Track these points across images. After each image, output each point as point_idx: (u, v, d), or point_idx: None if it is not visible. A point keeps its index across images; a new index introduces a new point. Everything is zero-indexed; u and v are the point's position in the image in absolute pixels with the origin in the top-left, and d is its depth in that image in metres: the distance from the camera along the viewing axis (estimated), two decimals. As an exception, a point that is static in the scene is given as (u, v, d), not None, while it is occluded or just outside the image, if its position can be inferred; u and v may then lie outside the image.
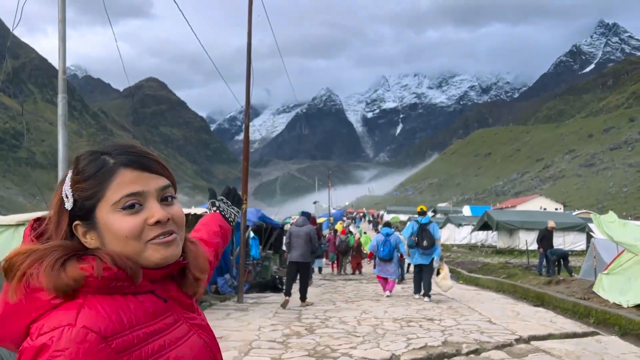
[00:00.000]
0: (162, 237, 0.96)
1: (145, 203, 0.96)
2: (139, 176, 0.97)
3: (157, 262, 0.96)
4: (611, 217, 11.10)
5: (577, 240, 25.78)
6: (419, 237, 10.52)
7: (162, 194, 0.99)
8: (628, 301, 8.66)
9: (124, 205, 0.94)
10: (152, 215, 0.95)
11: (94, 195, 0.95)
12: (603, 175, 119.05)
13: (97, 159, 0.98)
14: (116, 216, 0.94)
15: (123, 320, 0.89)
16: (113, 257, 0.93)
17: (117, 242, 0.94)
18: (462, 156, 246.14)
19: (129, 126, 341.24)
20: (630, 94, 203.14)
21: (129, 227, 0.94)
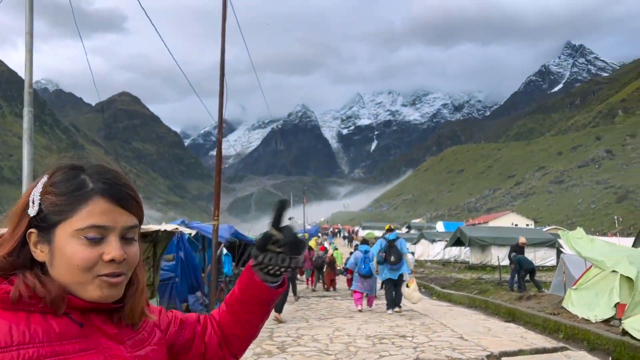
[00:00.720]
0: (110, 277, 0.94)
1: (106, 237, 0.94)
2: (111, 210, 0.95)
3: (95, 298, 0.95)
4: (579, 233, 11.34)
5: (548, 255, 26.23)
6: (387, 253, 11.00)
7: (126, 232, 0.98)
8: (596, 316, 8.80)
9: (86, 235, 0.92)
10: (109, 252, 0.93)
11: (61, 213, 0.93)
12: (572, 192, 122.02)
13: (76, 177, 0.96)
14: (75, 242, 0.92)
15: (12, 337, 0.86)
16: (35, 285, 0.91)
17: (64, 267, 0.93)
18: (435, 173, 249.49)
19: (100, 141, 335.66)
20: (596, 112, 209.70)
21: (83, 258, 0.92)
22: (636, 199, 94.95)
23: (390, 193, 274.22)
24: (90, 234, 0.92)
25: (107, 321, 1.00)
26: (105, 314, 1.00)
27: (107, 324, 0.99)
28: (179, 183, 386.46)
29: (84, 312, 0.96)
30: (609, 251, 10.06)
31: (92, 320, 0.97)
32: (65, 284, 0.93)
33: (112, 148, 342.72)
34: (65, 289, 0.93)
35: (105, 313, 1.00)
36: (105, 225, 0.94)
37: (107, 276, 0.94)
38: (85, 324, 0.96)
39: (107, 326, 0.99)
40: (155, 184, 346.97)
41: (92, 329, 0.97)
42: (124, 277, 0.97)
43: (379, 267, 11.30)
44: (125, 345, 1.00)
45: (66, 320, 0.93)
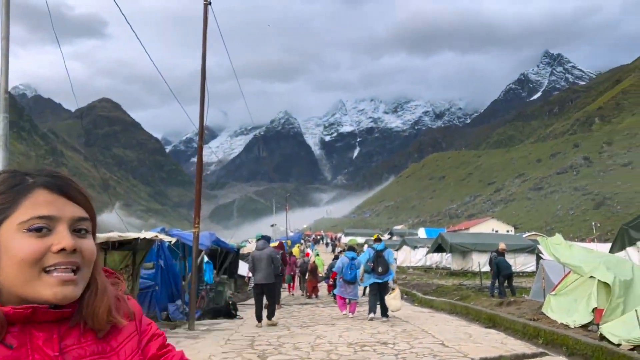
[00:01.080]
0: (60, 272, 0.86)
1: (54, 228, 0.88)
2: (56, 200, 0.91)
3: (47, 299, 0.86)
4: (558, 239, 11.49)
5: (528, 261, 26.53)
6: (375, 263, 11.19)
7: (77, 224, 0.92)
8: (575, 321, 8.91)
9: (30, 226, 0.86)
10: (59, 241, 0.87)
11: (2, 212, 0.88)
12: (551, 199, 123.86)
13: (16, 176, 0.92)
14: (19, 236, 0.86)
15: None
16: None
17: (10, 265, 0.85)
18: (417, 179, 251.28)
19: (80, 147, 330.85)
20: (574, 120, 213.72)
21: (28, 250, 0.85)
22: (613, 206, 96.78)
23: (373, 199, 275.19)
24: (35, 224, 0.87)
25: (52, 340, 0.88)
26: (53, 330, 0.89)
27: (50, 343, 0.88)
28: (159, 190, 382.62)
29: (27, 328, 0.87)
30: (587, 257, 10.22)
31: (34, 340, 0.87)
32: (14, 287, 0.85)
33: (92, 154, 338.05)
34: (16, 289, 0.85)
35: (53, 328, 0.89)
36: (51, 215, 0.88)
37: (56, 271, 0.86)
38: (20, 344, 0.85)
39: (48, 345, 0.87)
40: (135, 191, 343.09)
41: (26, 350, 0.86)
42: (76, 276, 0.89)
43: (364, 276, 11.47)
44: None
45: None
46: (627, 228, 13.01)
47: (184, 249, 13.25)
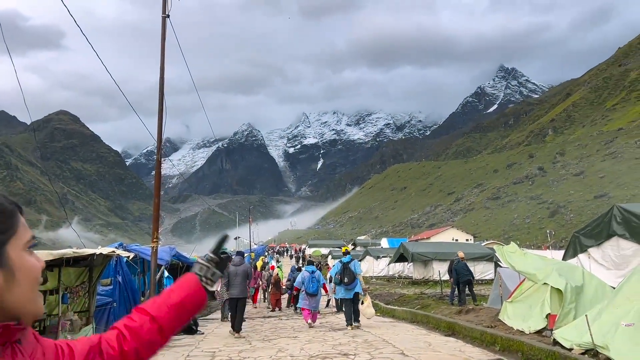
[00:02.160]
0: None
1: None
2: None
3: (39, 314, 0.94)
4: (513, 247, 11.85)
5: (486, 269, 27.14)
6: (342, 274, 12.02)
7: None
8: (530, 327, 9.18)
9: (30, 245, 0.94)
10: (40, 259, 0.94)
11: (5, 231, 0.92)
12: (508, 208, 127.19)
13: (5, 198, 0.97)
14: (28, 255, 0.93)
15: None
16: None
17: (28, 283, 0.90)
18: (379, 190, 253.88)
19: (36, 161, 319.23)
20: (529, 132, 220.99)
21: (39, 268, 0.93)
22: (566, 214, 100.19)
23: (337, 210, 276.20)
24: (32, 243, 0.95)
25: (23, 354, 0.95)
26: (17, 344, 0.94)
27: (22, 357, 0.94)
28: (120, 204, 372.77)
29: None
30: (540, 264, 10.56)
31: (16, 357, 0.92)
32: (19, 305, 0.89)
33: (49, 168, 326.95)
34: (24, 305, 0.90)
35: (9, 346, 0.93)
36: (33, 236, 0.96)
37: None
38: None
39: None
40: (94, 205, 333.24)
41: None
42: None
43: (336, 288, 12.36)
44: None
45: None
46: (579, 235, 13.52)
47: (143, 264, 12.97)
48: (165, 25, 10.93)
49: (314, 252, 68.66)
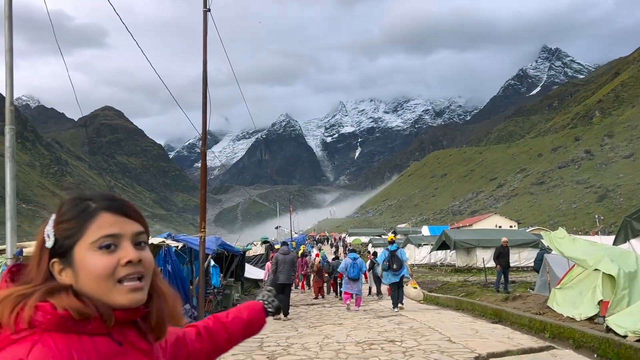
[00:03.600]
0: (131, 281, 1.04)
1: (120, 244, 1.05)
2: (117, 220, 1.07)
3: (122, 304, 1.03)
4: (561, 233, 11.54)
5: (532, 256, 26.42)
6: (390, 261, 12.99)
7: (137, 239, 1.08)
8: (580, 314, 8.96)
9: (100, 244, 1.03)
10: (126, 255, 1.04)
11: (73, 235, 1.04)
12: (553, 193, 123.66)
13: (80, 203, 1.08)
14: (92, 254, 1.02)
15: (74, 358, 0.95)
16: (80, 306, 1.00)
17: (89, 280, 1.02)
18: (419, 177, 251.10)
19: (84, 156, 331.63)
20: (574, 114, 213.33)
21: (103, 266, 1.01)
22: (616, 198, 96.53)
23: (376, 199, 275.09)
24: (104, 242, 1.03)
25: (139, 337, 1.10)
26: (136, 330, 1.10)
27: (139, 340, 1.09)
28: (164, 196, 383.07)
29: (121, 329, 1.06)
30: (591, 250, 10.26)
31: (128, 337, 1.07)
32: (96, 296, 1.02)
33: (96, 163, 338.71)
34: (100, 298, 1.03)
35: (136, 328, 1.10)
36: (115, 233, 1.05)
37: (128, 280, 1.04)
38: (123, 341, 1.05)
39: (140, 342, 1.09)
40: (140, 198, 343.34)
41: (129, 346, 1.06)
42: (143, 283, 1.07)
43: (383, 273, 13.31)
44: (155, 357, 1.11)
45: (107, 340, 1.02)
46: (630, 220, 13.04)
47: (191, 254, 13.34)
48: (207, 19, 11.11)
49: (354, 240, 68.69)
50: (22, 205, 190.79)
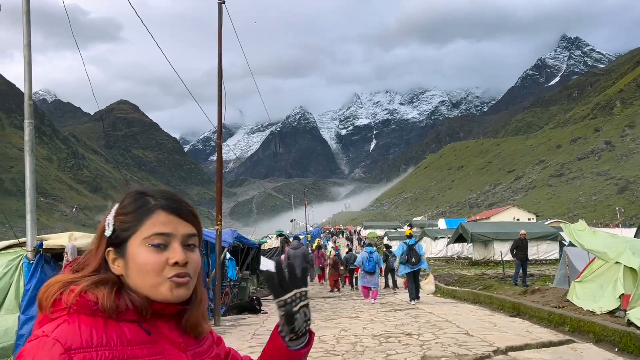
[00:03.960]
0: (177, 278, 1.07)
1: (170, 244, 1.09)
2: (171, 220, 1.10)
3: (167, 298, 1.07)
4: (581, 225, 11.34)
5: (550, 249, 26.24)
6: (408, 255, 13.23)
7: (187, 240, 1.12)
8: (601, 308, 8.81)
9: (152, 242, 1.07)
10: (173, 256, 1.07)
11: (129, 228, 1.09)
12: (572, 185, 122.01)
13: (140, 198, 1.13)
14: (144, 250, 1.07)
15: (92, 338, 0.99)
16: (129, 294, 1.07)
17: (137, 273, 1.07)
18: (435, 170, 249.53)
19: (100, 150, 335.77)
20: (594, 105, 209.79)
21: (152, 262, 1.06)
22: (637, 190, 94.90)
23: (391, 192, 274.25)
24: (155, 241, 1.08)
25: (172, 329, 1.12)
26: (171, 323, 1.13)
27: (172, 332, 1.12)
28: (179, 189, 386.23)
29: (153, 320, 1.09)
30: (612, 243, 10.07)
31: (159, 328, 1.10)
32: (140, 289, 1.08)
33: (113, 156, 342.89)
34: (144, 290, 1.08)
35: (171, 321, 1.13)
36: (167, 233, 1.09)
37: (175, 277, 1.07)
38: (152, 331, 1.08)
39: (172, 334, 1.11)
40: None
41: (159, 336, 1.09)
42: (189, 279, 1.10)
43: (400, 266, 13.61)
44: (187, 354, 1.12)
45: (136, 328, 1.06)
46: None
47: (207, 246, 13.41)
48: (222, 12, 11.09)
49: (370, 233, 68.67)
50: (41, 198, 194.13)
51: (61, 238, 6.37)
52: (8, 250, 5.99)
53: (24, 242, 6.07)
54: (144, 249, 1.07)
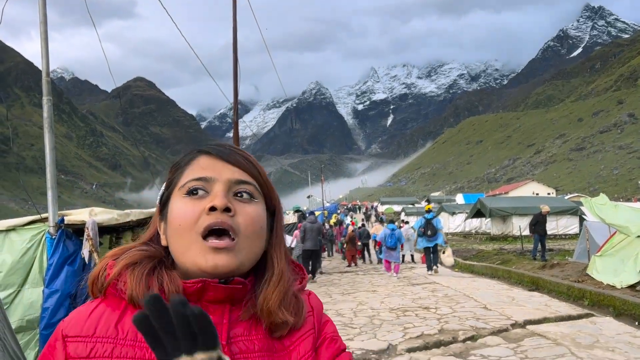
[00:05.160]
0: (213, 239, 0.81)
1: (211, 190, 0.85)
2: (214, 163, 0.87)
3: (200, 266, 0.80)
4: (602, 199, 11.16)
5: (570, 223, 25.95)
6: (425, 228, 14.03)
7: (237, 188, 0.86)
8: (621, 282, 8.72)
9: (187, 189, 0.85)
10: (211, 200, 0.83)
11: (170, 183, 0.90)
12: (594, 159, 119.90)
13: (191, 152, 0.93)
14: (179, 201, 0.85)
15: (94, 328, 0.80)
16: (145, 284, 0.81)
17: (171, 234, 0.85)
18: (453, 145, 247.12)
19: (118, 127, 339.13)
20: (618, 76, 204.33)
21: (184, 213, 0.82)
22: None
23: (408, 167, 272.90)
24: (192, 186, 0.85)
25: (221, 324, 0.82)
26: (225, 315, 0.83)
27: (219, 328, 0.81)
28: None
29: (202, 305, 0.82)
30: (634, 217, 9.91)
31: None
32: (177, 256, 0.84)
33: (130, 134, 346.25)
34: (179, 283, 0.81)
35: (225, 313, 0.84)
36: (205, 177, 0.85)
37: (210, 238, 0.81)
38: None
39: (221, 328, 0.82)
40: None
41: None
42: (231, 242, 0.81)
43: (417, 239, 14.45)
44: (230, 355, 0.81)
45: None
46: (677, 185, 12.49)
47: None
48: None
49: (387, 209, 68.57)
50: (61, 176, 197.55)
51: (82, 214, 6.47)
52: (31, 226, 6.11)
53: (46, 218, 6.19)
54: (179, 200, 0.85)
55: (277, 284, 0.86)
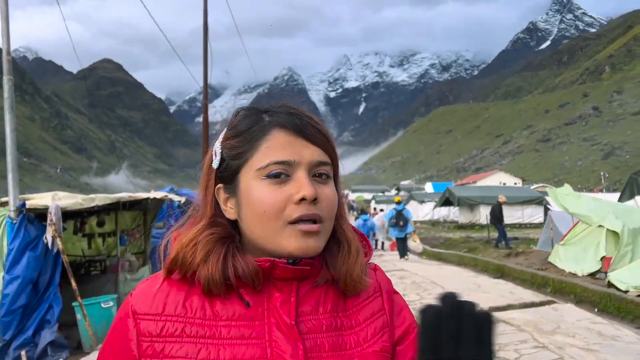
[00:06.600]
0: (303, 224, 0.77)
1: (293, 174, 0.79)
2: (293, 142, 0.81)
3: (291, 251, 0.78)
4: (566, 190, 11.45)
5: (535, 213, 26.61)
6: (397, 219, 14.76)
7: (317, 169, 0.81)
8: (583, 270, 9.00)
9: (269, 172, 0.78)
10: (299, 190, 0.78)
11: (241, 155, 0.81)
12: (559, 150, 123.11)
13: (253, 115, 0.85)
14: (258, 184, 0.79)
15: (163, 307, 0.79)
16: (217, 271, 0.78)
17: (252, 217, 0.79)
18: (424, 134, 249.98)
19: (84, 109, 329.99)
20: (584, 70, 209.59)
21: (271, 200, 0.78)
22: (622, 155, 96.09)
23: (379, 155, 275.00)
24: (274, 170, 0.79)
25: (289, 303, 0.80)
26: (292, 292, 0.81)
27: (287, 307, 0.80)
28: (166, 151, 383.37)
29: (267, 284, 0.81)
30: (596, 206, 10.21)
31: (272, 300, 0.80)
32: (257, 238, 0.80)
33: (97, 116, 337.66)
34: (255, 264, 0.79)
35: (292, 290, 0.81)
36: (288, 160, 0.79)
37: (300, 222, 0.78)
38: (256, 303, 0.80)
39: (285, 311, 0.80)
40: (142, 152, 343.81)
41: (264, 312, 0.80)
42: (320, 226, 0.79)
43: (390, 229, 15.26)
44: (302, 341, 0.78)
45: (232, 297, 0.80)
46: (637, 177, 12.95)
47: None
48: (207, -34, 10.70)
49: (357, 197, 68.98)
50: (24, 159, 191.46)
51: (44, 198, 6.27)
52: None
53: (6, 202, 5.98)
54: (259, 182, 0.79)
55: (357, 255, 0.85)
